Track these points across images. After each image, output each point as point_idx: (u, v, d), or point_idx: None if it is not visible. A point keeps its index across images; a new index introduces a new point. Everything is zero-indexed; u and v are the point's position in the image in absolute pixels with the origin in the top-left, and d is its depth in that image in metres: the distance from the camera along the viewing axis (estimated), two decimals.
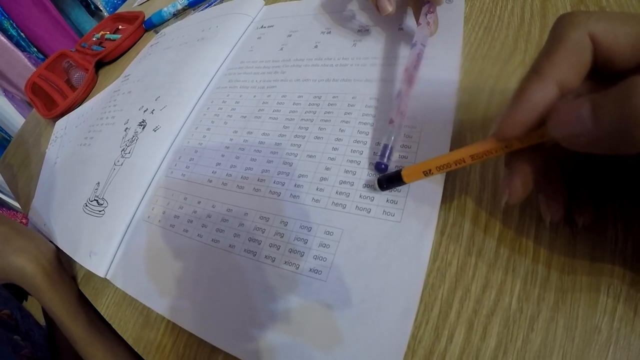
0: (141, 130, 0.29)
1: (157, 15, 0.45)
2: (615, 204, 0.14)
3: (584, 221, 0.13)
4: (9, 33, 0.88)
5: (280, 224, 0.19)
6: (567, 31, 0.10)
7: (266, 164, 0.21)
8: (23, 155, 0.46)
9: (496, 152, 0.12)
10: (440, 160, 0.14)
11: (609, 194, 0.14)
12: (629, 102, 0.08)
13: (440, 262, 0.15)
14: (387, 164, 0.17)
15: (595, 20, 0.10)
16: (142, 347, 0.21)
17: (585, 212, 0.13)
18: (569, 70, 0.10)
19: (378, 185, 0.17)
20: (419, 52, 0.20)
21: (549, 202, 0.13)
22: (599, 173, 0.13)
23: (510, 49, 0.20)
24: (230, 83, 0.28)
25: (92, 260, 0.24)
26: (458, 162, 0.13)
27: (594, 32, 0.10)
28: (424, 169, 0.14)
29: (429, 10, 0.20)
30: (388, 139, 0.17)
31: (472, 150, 0.13)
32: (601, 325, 0.12)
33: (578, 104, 0.09)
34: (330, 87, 0.23)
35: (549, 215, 0.13)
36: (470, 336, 0.14)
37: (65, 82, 0.46)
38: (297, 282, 0.17)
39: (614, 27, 0.10)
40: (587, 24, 0.10)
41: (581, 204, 0.13)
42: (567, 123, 0.10)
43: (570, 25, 0.10)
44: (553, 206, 0.13)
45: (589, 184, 0.13)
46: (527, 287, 0.14)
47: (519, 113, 0.11)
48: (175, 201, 0.24)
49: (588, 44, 0.10)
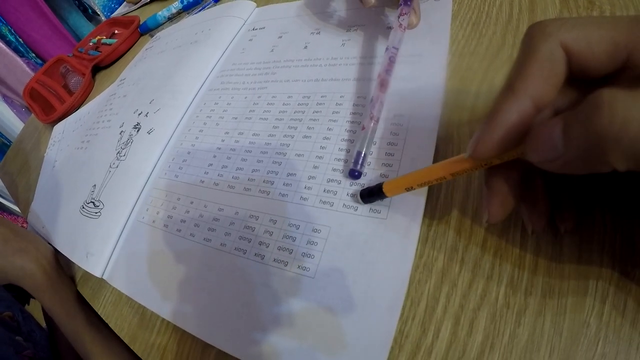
0: (136, 133, 0.29)
1: (152, 19, 0.45)
2: (603, 195, 0.14)
3: (566, 228, 0.13)
4: (7, 39, 0.89)
5: (269, 222, 0.19)
6: (538, 43, 0.10)
7: (256, 163, 0.22)
8: (22, 160, 0.47)
9: (476, 168, 0.12)
10: (422, 177, 0.14)
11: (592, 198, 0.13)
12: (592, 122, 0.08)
13: (427, 257, 0.15)
14: (361, 172, 0.17)
15: (566, 28, 0.10)
16: (138, 346, 0.21)
17: (568, 218, 0.13)
18: (542, 84, 0.10)
19: (360, 197, 0.17)
20: (391, 55, 0.19)
21: (530, 212, 0.13)
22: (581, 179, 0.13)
23: (498, 45, 0.20)
24: (222, 85, 0.28)
25: (89, 261, 0.25)
26: (439, 179, 0.14)
27: (566, 42, 0.10)
28: (405, 186, 0.15)
29: (402, 12, 0.20)
30: (361, 146, 0.17)
31: (453, 168, 0.13)
32: (590, 319, 0.12)
33: (550, 127, 0.09)
34: (319, 87, 0.23)
35: (530, 224, 0.13)
36: (456, 331, 0.14)
37: (62, 87, 0.46)
38: (285, 279, 0.17)
39: (587, 33, 0.10)
40: (558, 33, 0.10)
41: (564, 211, 0.13)
42: (541, 148, 0.09)
43: (541, 37, 0.10)
44: (534, 216, 0.13)
45: (571, 190, 0.13)
46: (514, 281, 0.14)
47: (493, 133, 0.11)
48: (169, 202, 0.24)
49: (561, 55, 0.10)
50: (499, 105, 0.11)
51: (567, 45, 0.10)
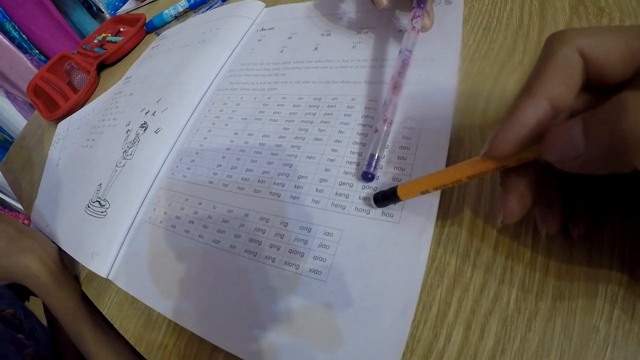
0: (143, 132, 0.29)
1: (158, 17, 0.45)
2: (612, 203, 0.14)
3: (579, 232, 0.13)
4: (11, 35, 0.88)
5: (280, 224, 0.19)
6: (556, 49, 0.10)
7: (266, 165, 0.22)
8: (25, 157, 0.47)
9: (492, 171, 0.12)
10: (437, 180, 0.14)
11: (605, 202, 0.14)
12: (617, 122, 0.08)
13: (439, 262, 0.15)
14: (374, 174, 0.17)
15: (583, 36, 0.10)
16: (143, 347, 0.21)
17: (580, 222, 0.13)
18: (560, 87, 0.10)
19: (373, 201, 0.17)
20: (404, 58, 0.20)
21: (544, 214, 0.13)
22: (594, 183, 0.13)
23: (509, 50, 0.20)
24: (231, 85, 0.28)
25: (94, 260, 0.24)
26: (455, 182, 0.13)
27: (583, 48, 0.10)
28: (420, 189, 0.15)
29: (415, 15, 0.20)
30: (374, 149, 0.17)
31: (468, 170, 0.13)
32: (599, 324, 0.12)
33: (569, 126, 0.09)
34: (330, 89, 0.23)
35: (544, 228, 0.13)
36: (468, 336, 0.14)
37: (67, 84, 0.46)
38: (297, 282, 0.17)
39: (603, 41, 0.10)
40: (575, 40, 0.10)
41: (576, 215, 0.13)
42: (560, 147, 0.09)
43: (559, 43, 0.10)
44: (549, 219, 0.13)
45: (584, 194, 0.13)
46: (525, 287, 0.14)
47: (510, 132, 0.11)
48: (176, 202, 0.24)
49: (578, 60, 0.10)
50: (517, 105, 0.11)
51: (584, 52, 0.10)
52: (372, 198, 0.17)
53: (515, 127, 0.11)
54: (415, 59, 0.20)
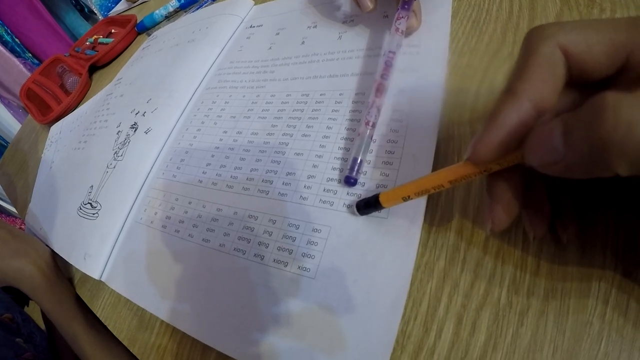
0: (133, 132, 0.29)
1: (149, 18, 0.45)
2: (605, 195, 0.14)
3: (568, 237, 0.13)
4: (4, 39, 0.88)
5: (268, 222, 0.19)
6: (537, 46, 0.10)
7: (255, 162, 0.21)
8: (20, 161, 0.47)
9: (475, 175, 0.12)
10: (419, 186, 0.14)
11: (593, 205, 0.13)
12: (595, 126, 0.08)
13: (429, 256, 0.15)
14: (357, 178, 0.17)
15: (564, 31, 0.10)
16: (137, 348, 0.21)
17: (569, 227, 0.13)
18: (542, 87, 0.10)
19: (356, 209, 0.16)
20: (387, 60, 0.19)
21: (531, 218, 0.13)
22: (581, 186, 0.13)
23: (498, 42, 0.20)
24: (220, 83, 0.28)
25: (87, 262, 0.24)
26: (436, 187, 0.13)
27: (565, 44, 0.10)
28: (402, 195, 0.14)
29: (399, 16, 0.20)
30: (357, 152, 0.17)
31: (451, 175, 0.12)
32: (593, 318, 0.12)
33: (550, 129, 0.09)
34: (318, 85, 0.23)
35: (532, 231, 0.13)
36: (459, 331, 0.14)
37: (59, 87, 0.46)
38: (285, 279, 0.17)
39: (586, 36, 0.09)
40: (556, 36, 0.10)
41: (565, 219, 0.13)
42: (541, 151, 0.09)
43: (539, 39, 0.10)
44: (536, 222, 0.12)
45: (572, 197, 0.13)
46: (517, 280, 0.14)
47: (493, 136, 0.10)
48: (167, 202, 0.24)
49: (559, 57, 0.10)
50: (499, 107, 0.10)
51: (566, 48, 0.10)
52: (354, 206, 0.16)
53: (497, 131, 0.10)
54: (403, 53, 0.20)
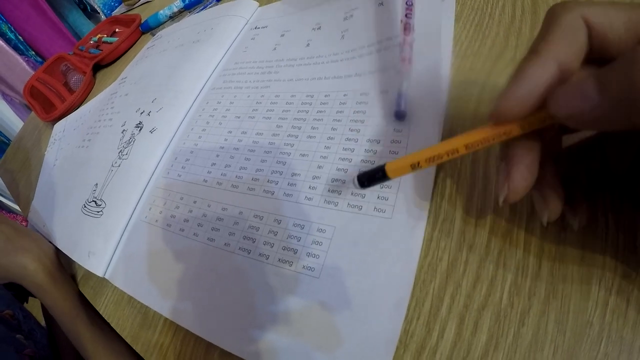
0: (138, 132, 0.29)
1: (153, 17, 0.45)
2: (605, 197, 0.14)
3: (580, 223, 0.12)
4: (7, 36, 0.88)
5: (274, 222, 0.19)
6: (560, 15, 0.10)
7: (260, 163, 0.22)
8: (22, 158, 0.47)
9: (493, 139, 0.11)
10: (430, 152, 0.12)
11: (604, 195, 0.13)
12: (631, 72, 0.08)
13: (432, 257, 0.15)
14: (406, 111, 0.18)
15: (587, 5, 0.10)
16: (140, 345, 0.21)
17: (580, 213, 0.12)
18: (566, 49, 0.10)
19: (358, 182, 0.15)
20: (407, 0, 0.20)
21: (546, 199, 0.12)
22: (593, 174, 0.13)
23: (501, 46, 0.20)
24: (224, 84, 0.28)
25: (91, 260, 0.24)
26: (450, 153, 0.12)
27: (587, 16, 0.10)
28: (411, 162, 0.13)
29: None
30: (401, 88, 0.18)
31: (467, 139, 0.11)
32: (593, 319, 0.12)
33: (580, 81, 0.09)
34: (322, 86, 0.23)
35: (546, 213, 0.12)
36: (461, 331, 0.14)
37: (63, 85, 0.46)
38: (290, 279, 0.17)
39: (607, 11, 0.10)
40: (579, 8, 0.10)
41: (576, 206, 0.13)
42: (572, 100, 0.09)
43: (563, 10, 0.10)
44: (550, 204, 0.12)
45: (583, 186, 0.13)
46: (518, 282, 0.14)
47: (518, 90, 0.10)
48: (171, 201, 0.24)
49: (582, 26, 0.10)
50: (524, 64, 0.10)
51: (588, 19, 0.10)
52: (356, 179, 0.15)
53: (523, 85, 0.10)
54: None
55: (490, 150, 0.17)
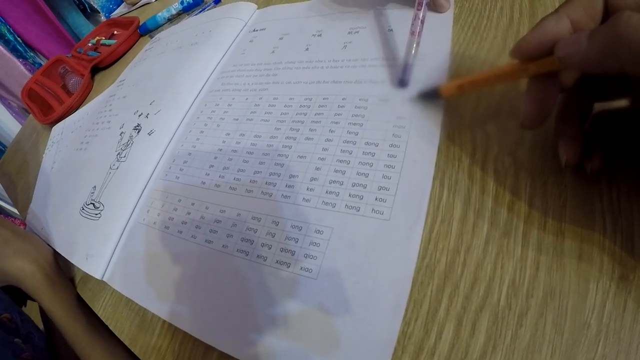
0: (136, 134, 0.29)
1: (151, 20, 0.45)
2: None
3: (593, 167, 0.14)
4: (6, 38, 0.88)
5: (271, 223, 0.19)
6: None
7: (258, 165, 0.22)
8: (20, 161, 0.47)
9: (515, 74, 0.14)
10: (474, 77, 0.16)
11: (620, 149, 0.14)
12: (612, 25, 0.10)
13: (429, 259, 0.15)
14: (409, 80, 0.20)
15: None
16: (138, 348, 0.21)
17: (595, 158, 0.14)
18: (582, 11, 0.12)
19: (418, 97, 0.19)
20: None
21: (567, 144, 0.14)
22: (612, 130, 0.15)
23: (499, 48, 0.20)
24: (223, 86, 0.28)
25: (89, 262, 0.24)
26: (485, 81, 0.16)
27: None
28: (459, 84, 0.17)
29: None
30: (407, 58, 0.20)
31: (497, 71, 0.15)
32: (590, 320, 0.12)
33: (579, 33, 0.12)
34: (321, 89, 0.23)
35: (565, 155, 0.14)
36: (459, 332, 0.14)
37: (61, 88, 0.46)
38: (288, 280, 0.17)
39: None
40: None
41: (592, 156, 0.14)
42: (567, 45, 0.12)
43: None
44: (571, 147, 0.14)
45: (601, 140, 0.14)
46: (516, 283, 0.14)
47: (534, 35, 0.13)
48: (170, 204, 0.24)
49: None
50: (544, 18, 0.13)
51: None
52: (417, 95, 0.19)
53: (538, 32, 0.13)
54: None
55: (486, 157, 0.17)
